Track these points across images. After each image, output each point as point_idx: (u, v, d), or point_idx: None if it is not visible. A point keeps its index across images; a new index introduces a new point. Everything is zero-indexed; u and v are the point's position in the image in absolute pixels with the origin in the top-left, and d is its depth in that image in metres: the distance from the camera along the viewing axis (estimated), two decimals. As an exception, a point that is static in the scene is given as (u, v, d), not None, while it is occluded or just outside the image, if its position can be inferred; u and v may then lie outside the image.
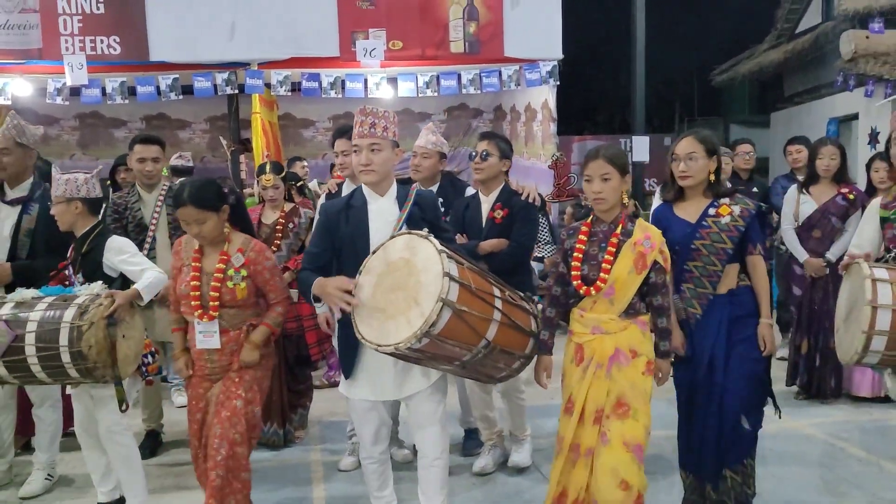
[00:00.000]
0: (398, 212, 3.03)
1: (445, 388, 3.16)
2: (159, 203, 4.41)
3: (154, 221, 4.34)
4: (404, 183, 4.45)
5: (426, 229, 2.93)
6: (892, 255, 3.26)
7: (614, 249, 2.96)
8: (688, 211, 3.26)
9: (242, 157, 8.23)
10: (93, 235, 3.57)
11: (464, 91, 7.94)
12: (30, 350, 3.15)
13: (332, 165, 7.77)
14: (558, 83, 7.97)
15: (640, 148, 8.39)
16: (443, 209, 4.31)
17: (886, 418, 4.74)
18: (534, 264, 6.15)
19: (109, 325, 3.20)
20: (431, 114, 10.27)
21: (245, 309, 3.25)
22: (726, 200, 3.21)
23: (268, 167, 4.57)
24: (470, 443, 4.39)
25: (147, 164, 4.32)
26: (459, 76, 7.78)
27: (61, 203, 3.55)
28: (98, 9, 7.11)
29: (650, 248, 2.96)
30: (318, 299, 3.10)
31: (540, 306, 3.27)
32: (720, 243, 3.15)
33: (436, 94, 7.87)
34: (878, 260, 3.29)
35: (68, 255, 3.64)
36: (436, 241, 2.73)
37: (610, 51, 16.74)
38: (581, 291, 3.00)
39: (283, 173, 4.61)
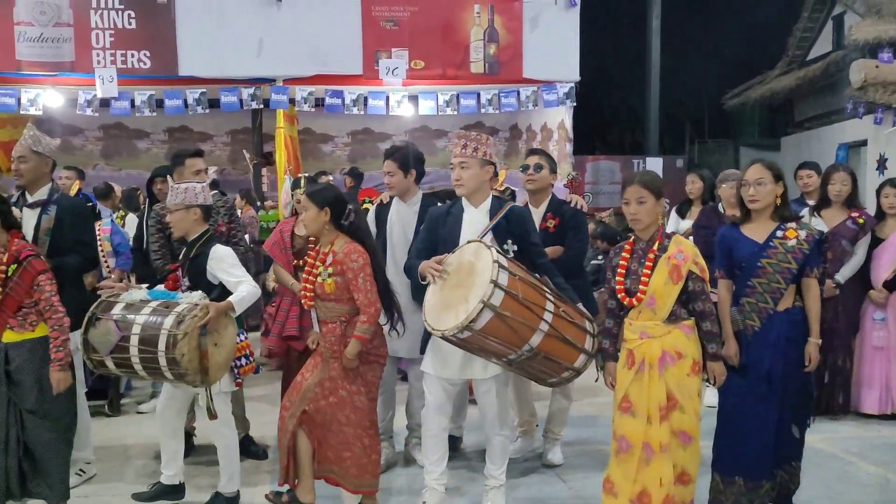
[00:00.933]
0: (488, 222, 3.49)
1: (506, 382, 3.62)
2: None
3: None
4: (435, 197, 4.66)
5: (510, 241, 3.44)
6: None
7: (651, 264, 3.28)
8: (755, 231, 3.50)
9: (264, 171, 8.42)
10: (201, 241, 3.75)
11: (482, 110, 8.13)
12: (133, 350, 3.40)
13: (360, 177, 7.94)
14: (575, 104, 8.16)
15: (653, 169, 8.55)
16: None
17: (894, 435, 4.85)
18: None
19: (202, 335, 3.41)
20: (448, 131, 10.46)
21: (338, 303, 3.55)
22: (793, 225, 3.46)
23: (302, 181, 4.73)
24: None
25: (202, 175, 4.49)
26: (479, 96, 7.98)
27: (180, 210, 3.73)
28: (130, 24, 7.33)
29: (683, 260, 3.26)
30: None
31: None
32: (786, 263, 3.40)
33: (455, 112, 8.07)
34: None
35: (180, 258, 3.85)
36: (495, 252, 3.13)
37: (622, 72, 16.99)
38: (625, 303, 3.33)
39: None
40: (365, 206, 5.05)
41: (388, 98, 7.88)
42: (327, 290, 3.52)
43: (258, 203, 8.05)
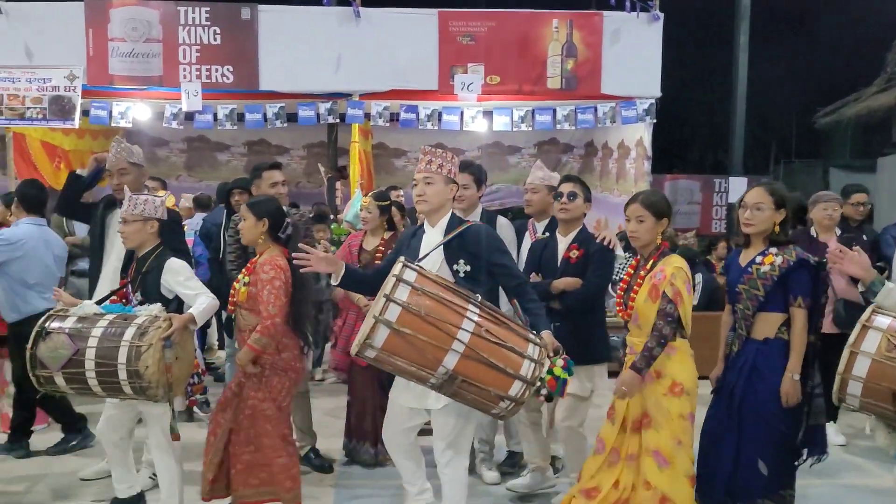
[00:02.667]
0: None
1: (464, 414, 3.28)
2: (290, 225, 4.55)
3: None
4: (516, 213, 4.59)
5: (462, 260, 3.28)
6: None
7: (642, 281, 3.41)
8: (745, 256, 3.43)
9: (338, 184, 8.50)
10: (153, 255, 3.71)
11: (558, 126, 8.00)
12: (89, 364, 3.30)
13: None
14: (654, 121, 7.93)
15: (737, 189, 8.26)
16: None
17: None
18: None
19: (165, 347, 3.35)
20: (521, 147, 10.37)
21: (252, 313, 3.60)
22: (774, 250, 3.32)
23: (371, 193, 4.78)
24: (508, 461, 4.66)
25: (279, 188, 4.56)
26: (554, 112, 7.86)
27: (137, 222, 3.70)
28: (215, 39, 7.54)
29: (661, 279, 3.32)
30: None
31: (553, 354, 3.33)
32: (755, 290, 3.31)
33: (530, 128, 7.97)
34: None
35: (129, 273, 3.79)
36: (397, 267, 2.96)
37: (704, 88, 16.53)
38: (621, 316, 3.53)
39: (387, 202, 4.74)
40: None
41: (462, 113, 7.86)
42: (241, 299, 3.64)
43: (331, 216, 8.13)
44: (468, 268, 3.28)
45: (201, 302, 3.58)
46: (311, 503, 4.08)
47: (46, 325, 3.36)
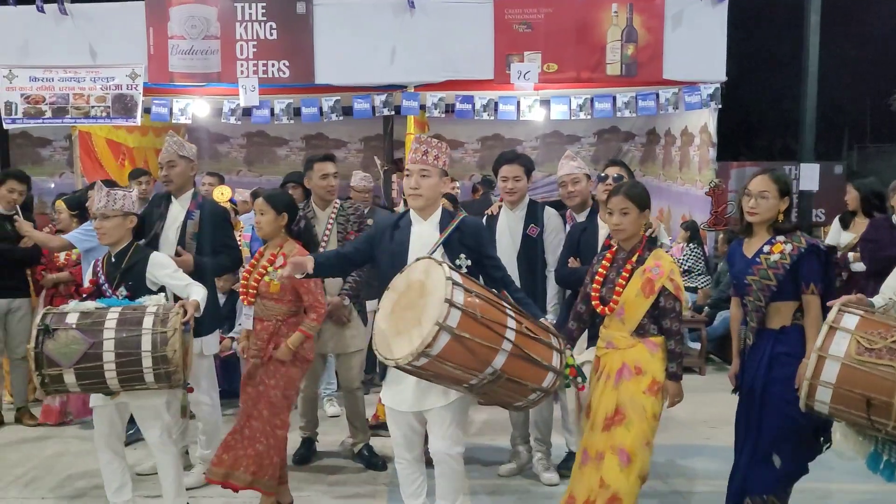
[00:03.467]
0: (438, 236, 3.25)
1: (465, 409, 3.31)
2: (331, 220, 4.54)
3: (326, 237, 4.49)
4: (555, 207, 4.46)
5: (463, 255, 3.19)
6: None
7: (627, 275, 3.35)
8: (750, 247, 3.36)
9: (394, 177, 8.47)
10: (131, 251, 3.74)
11: (618, 114, 7.77)
12: (108, 356, 3.25)
13: (491, 185, 7.86)
14: (720, 106, 7.63)
15: (808, 176, 7.87)
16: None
17: None
18: (687, 294, 5.90)
19: (185, 331, 3.41)
20: (581, 136, 10.17)
21: (279, 304, 3.75)
22: (781, 238, 3.25)
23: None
24: (566, 462, 4.46)
25: (330, 179, 4.53)
26: (614, 99, 7.62)
27: (117, 217, 3.70)
28: (272, 35, 7.57)
29: (658, 275, 3.29)
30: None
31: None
32: (766, 280, 3.23)
33: (589, 116, 7.76)
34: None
35: (98, 270, 3.76)
36: (446, 269, 2.86)
37: (772, 71, 15.86)
38: (598, 310, 3.42)
39: None
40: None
41: (518, 103, 7.69)
42: (272, 290, 3.75)
43: (391, 210, 8.11)
44: (469, 262, 3.22)
45: (198, 290, 3.64)
46: (366, 502, 4.04)
47: (48, 322, 3.28)
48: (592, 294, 3.45)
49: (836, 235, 5.97)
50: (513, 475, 4.40)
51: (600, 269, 3.48)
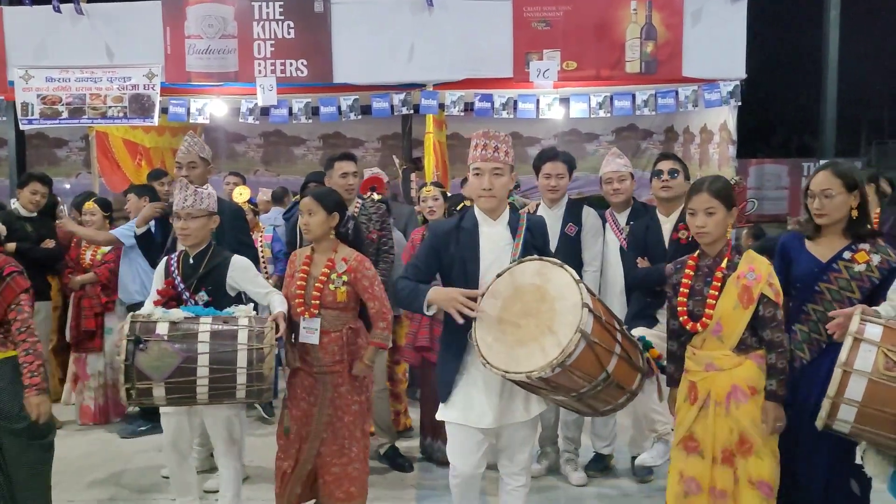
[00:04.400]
0: (510, 237, 3.00)
1: (538, 422, 3.23)
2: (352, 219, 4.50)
3: None
4: (594, 202, 4.42)
5: (535, 254, 2.91)
6: None
7: (719, 284, 2.91)
8: (820, 248, 3.04)
9: (413, 176, 8.43)
10: (210, 253, 3.54)
11: (637, 112, 7.70)
12: (202, 371, 3.10)
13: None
14: (739, 103, 7.55)
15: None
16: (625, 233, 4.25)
17: None
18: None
19: (280, 346, 3.33)
20: (599, 134, 10.10)
21: (345, 312, 3.47)
22: (866, 246, 2.96)
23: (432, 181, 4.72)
24: (594, 463, 4.43)
25: (349, 178, 4.51)
26: (634, 97, 7.55)
27: (203, 217, 3.52)
28: (289, 34, 7.55)
29: (755, 281, 2.87)
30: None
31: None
32: (848, 291, 2.93)
33: (608, 114, 7.70)
34: None
35: (172, 271, 3.53)
36: (572, 270, 2.69)
37: (790, 68, 15.75)
38: (688, 328, 2.97)
39: (445, 191, 4.68)
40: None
41: (538, 101, 7.63)
42: (339, 299, 3.43)
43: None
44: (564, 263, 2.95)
45: (278, 299, 3.47)
46: (395, 504, 4.01)
47: (138, 332, 3.11)
48: (679, 309, 3.00)
49: None
50: (541, 475, 4.36)
51: (684, 280, 3.02)
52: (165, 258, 3.63)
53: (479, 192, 2.99)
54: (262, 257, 5.68)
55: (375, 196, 4.92)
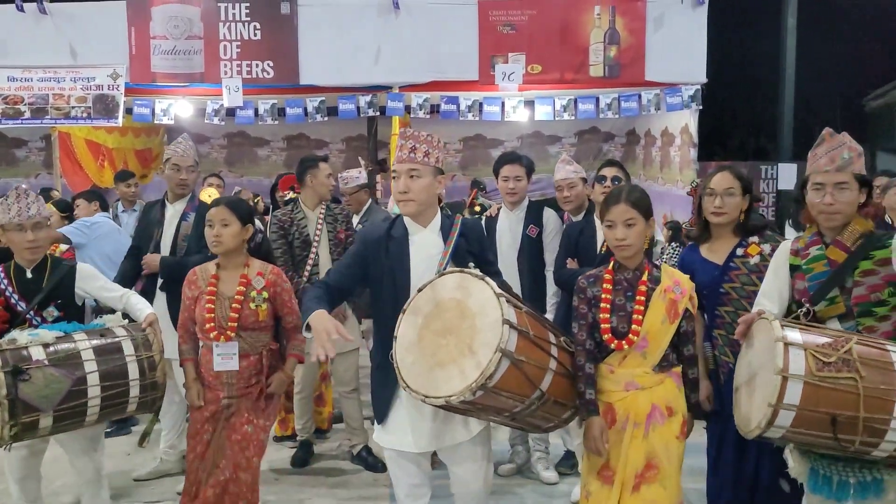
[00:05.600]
0: (442, 244, 2.77)
1: (488, 440, 2.90)
2: (320, 220, 4.54)
3: (317, 238, 4.49)
4: (553, 205, 4.50)
5: (471, 263, 2.73)
6: (803, 310, 2.60)
7: (643, 299, 2.73)
8: (715, 252, 3.09)
9: (378, 177, 8.46)
10: (49, 263, 3.22)
11: (601, 115, 7.85)
12: (93, 391, 2.86)
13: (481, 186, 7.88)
14: (700, 107, 7.74)
15: (786, 175, 8.03)
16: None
17: None
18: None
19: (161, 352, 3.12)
20: (562, 137, 10.24)
21: (264, 332, 3.23)
22: (755, 239, 3.04)
23: None
24: (566, 461, 4.52)
25: (332, 179, 4.54)
26: (597, 100, 7.70)
27: (47, 226, 3.25)
28: (255, 35, 7.54)
29: (681, 295, 2.76)
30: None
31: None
32: (749, 286, 2.97)
33: (573, 117, 7.84)
34: (786, 316, 2.70)
35: (4, 289, 3.16)
36: (493, 283, 2.47)
37: (747, 73, 16.14)
38: (612, 346, 2.73)
39: None
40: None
41: (503, 104, 7.75)
42: (261, 318, 3.19)
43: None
44: (477, 270, 2.67)
45: (139, 300, 3.27)
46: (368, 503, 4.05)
47: (12, 362, 2.76)
48: (602, 326, 2.74)
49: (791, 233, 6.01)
50: (512, 475, 4.44)
51: (603, 295, 2.78)
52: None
53: (396, 196, 2.77)
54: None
55: (291, 195, 4.91)
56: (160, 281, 4.15)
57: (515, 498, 4.14)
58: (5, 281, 3.16)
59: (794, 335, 2.40)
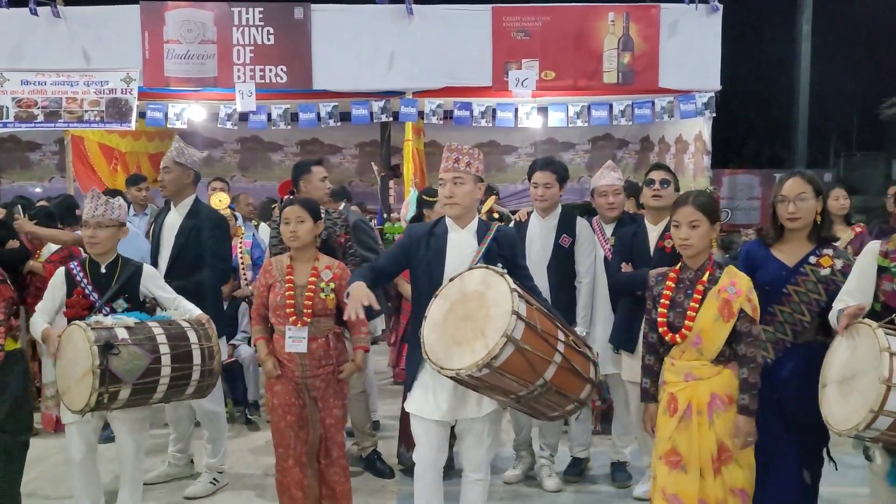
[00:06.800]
0: (476, 245, 3.18)
1: (499, 419, 3.30)
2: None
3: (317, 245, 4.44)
4: (582, 211, 4.46)
5: (500, 264, 3.01)
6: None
7: (700, 297, 2.94)
8: (787, 253, 3.15)
9: (391, 183, 8.46)
10: (120, 262, 3.58)
11: (614, 122, 7.82)
12: (165, 371, 3.25)
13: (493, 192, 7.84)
14: (714, 115, 7.70)
15: (802, 184, 7.92)
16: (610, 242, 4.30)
17: None
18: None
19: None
20: (575, 143, 10.21)
21: (330, 318, 3.54)
22: (829, 251, 3.10)
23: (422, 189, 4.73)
24: (572, 468, 4.42)
25: (327, 182, 4.51)
26: (611, 107, 7.68)
27: (113, 227, 3.54)
28: (269, 40, 7.55)
29: (736, 295, 2.91)
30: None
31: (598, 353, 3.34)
32: (815, 294, 3.05)
33: (586, 124, 7.81)
34: (869, 316, 2.81)
35: (80, 281, 3.51)
36: (510, 280, 2.84)
37: (762, 80, 16.03)
38: (667, 339, 3.00)
39: (434, 198, 4.70)
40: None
41: (516, 110, 7.72)
42: (329, 306, 3.52)
43: (385, 215, 8.12)
44: (505, 271, 3.03)
45: (190, 304, 3.60)
46: (376, 510, 4.01)
47: (105, 338, 3.16)
48: (659, 321, 3.02)
49: None
50: (517, 481, 4.38)
51: (665, 292, 3.04)
52: (63, 268, 3.60)
53: (443, 201, 3.19)
54: (242, 264, 5.66)
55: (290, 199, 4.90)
56: None
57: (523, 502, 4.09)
58: (81, 273, 3.52)
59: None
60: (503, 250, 3.19)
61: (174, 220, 4.26)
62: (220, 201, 6.00)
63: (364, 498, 4.12)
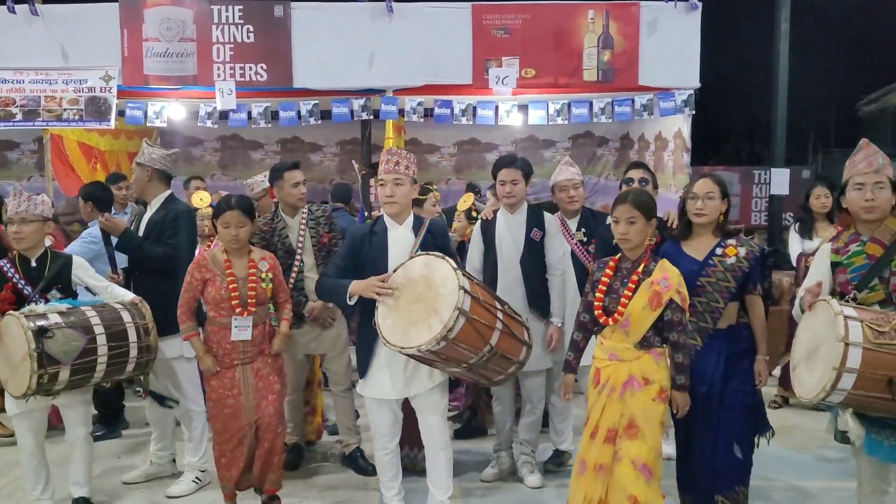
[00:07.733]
0: (414, 238, 3.59)
1: (447, 388, 3.74)
2: (302, 226, 4.53)
3: (300, 245, 4.45)
4: (546, 208, 4.50)
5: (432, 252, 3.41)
6: (849, 297, 3.07)
7: (633, 286, 3.30)
8: (695, 248, 3.48)
9: (372, 181, 8.44)
10: (50, 255, 3.81)
11: (594, 119, 7.86)
12: (102, 350, 3.50)
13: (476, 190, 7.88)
14: (693, 112, 7.76)
15: (779, 181, 8.05)
16: (585, 238, 4.34)
17: None
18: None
19: None
20: (556, 141, 10.24)
21: (265, 305, 3.87)
22: (732, 241, 3.44)
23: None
24: (553, 459, 4.60)
25: (300, 187, 4.51)
26: (591, 104, 7.71)
27: (37, 222, 3.73)
28: (248, 38, 7.52)
29: (666, 288, 3.25)
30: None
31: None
32: (724, 282, 3.39)
33: (566, 121, 7.84)
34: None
35: (10, 276, 3.71)
36: (451, 261, 3.25)
37: (741, 78, 16.18)
38: (601, 321, 3.37)
39: (424, 197, 4.75)
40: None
41: (497, 108, 7.74)
42: (269, 295, 3.84)
43: (366, 213, 8.11)
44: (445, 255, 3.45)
45: (122, 289, 3.91)
46: (356, 507, 4.03)
47: (38, 324, 3.36)
48: (595, 304, 3.39)
49: (798, 244, 6.02)
50: (495, 479, 4.42)
51: (603, 279, 3.41)
52: None
53: (383, 199, 3.59)
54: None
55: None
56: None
57: (498, 500, 4.11)
58: (12, 269, 3.72)
59: (850, 311, 2.87)
60: (438, 241, 3.61)
61: (147, 217, 4.30)
62: (200, 200, 5.98)
63: (348, 493, 4.15)
